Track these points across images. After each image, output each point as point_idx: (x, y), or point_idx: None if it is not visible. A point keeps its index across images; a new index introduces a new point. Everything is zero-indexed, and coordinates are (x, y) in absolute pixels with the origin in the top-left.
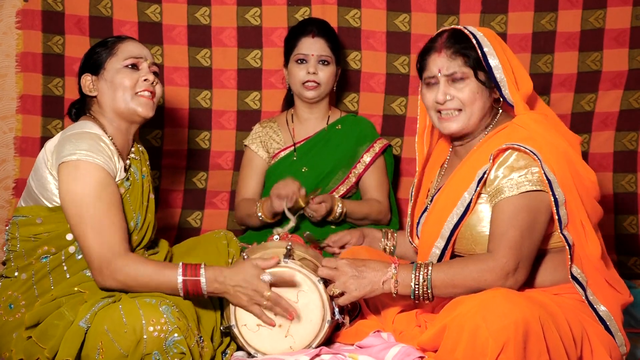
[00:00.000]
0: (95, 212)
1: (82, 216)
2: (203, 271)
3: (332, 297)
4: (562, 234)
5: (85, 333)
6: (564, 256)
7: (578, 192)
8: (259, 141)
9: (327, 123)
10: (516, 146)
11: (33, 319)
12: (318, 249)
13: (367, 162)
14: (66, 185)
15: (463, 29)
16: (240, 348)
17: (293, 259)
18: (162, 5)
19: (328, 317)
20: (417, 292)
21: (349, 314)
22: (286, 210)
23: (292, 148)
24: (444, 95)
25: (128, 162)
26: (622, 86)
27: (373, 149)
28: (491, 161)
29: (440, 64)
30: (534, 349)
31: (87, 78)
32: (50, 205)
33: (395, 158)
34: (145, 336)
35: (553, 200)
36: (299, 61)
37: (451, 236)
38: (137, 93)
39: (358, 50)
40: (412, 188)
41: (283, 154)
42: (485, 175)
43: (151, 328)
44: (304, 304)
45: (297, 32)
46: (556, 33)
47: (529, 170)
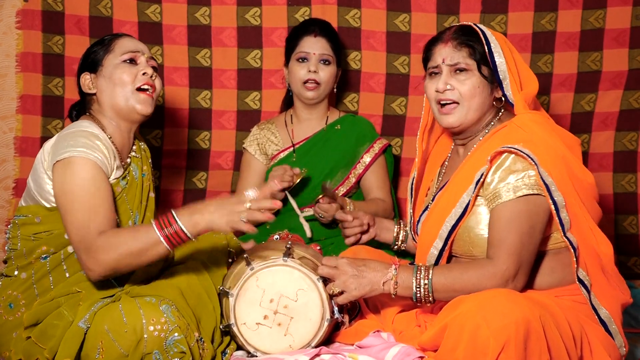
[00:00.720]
0: (79, 201)
1: (67, 209)
2: (176, 216)
3: (332, 296)
4: (566, 237)
5: (84, 333)
6: (563, 257)
7: (578, 194)
8: (256, 144)
9: (326, 123)
10: (513, 149)
11: (32, 319)
12: (317, 243)
13: (367, 163)
14: (58, 180)
15: (473, 25)
16: (240, 347)
17: (293, 258)
18: (162, 5)
19: (327, 316)
20: (419, 295)
21: (349, 314)
22: (289, 198)
23: (291, 149)
24: (445, 84)
25: (128, 161)
26: (622, 86)
27: (373, 149)
28: (488, 163)
29: (445, 54)
30: (535, 349)
31: (86, 77)
32: (48, 205)
33: (395, 158)
34: (145, 335)
35: (552, 204)
36: (300, 60)
37: (449, 237)
38: (137, 88)
39: (358, 50)
40: (412, 183)
41: (282, 155)
42: (482, 177)
43: (151, 327)
44: (303, 303)
45: (299, 31)
46: (556, 33)
47: (526, 173)
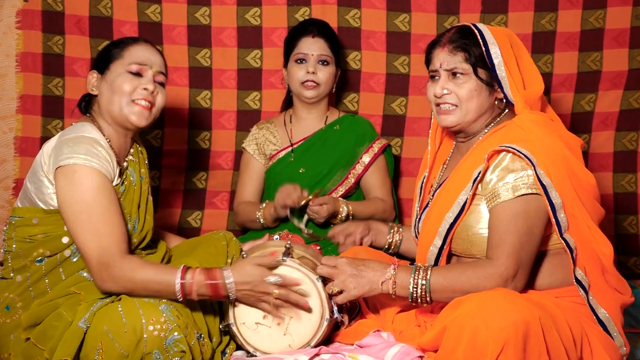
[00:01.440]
0: (92, 216)
1: (80, 220)
2: (225, 274)
3: (331, 296)
4: (562, 238)
5: (84, 333)
6: (563, 258)
7: (577, 195)
8: (255, 144)
9: (325, 123)
10: (510, 149)
11: (30, 320)
12: (317, 243)
13: (367, 163)
14: (64, 190)
15: (471, 26)
16: (239, 347)
17: (292, 258)
18: (162, 5)
19: (327, 316)
20: (415, 295)
21: (348, 314)
22: (289, 215)
23: (290, 149)
24: (442, 89)
25: (125, 165)
26: (622, 86)
27: (372, 150)
28: (486, 162)
29: (442, 59)
30: (534, 350)
31: (94, 75)
32: (46, 207)
33: (395, 158)
34: (145, 335)
35: (549, 204)
36: (299, 61)
37: (447, 235)
38: (134, 100)
39: (358, 50)
40: (422, 183)
41: (280, 155)
42: (479, 175)
43: (151, 327)
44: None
45: (298, 32)
46: (556, 33)
47: (525, 173)
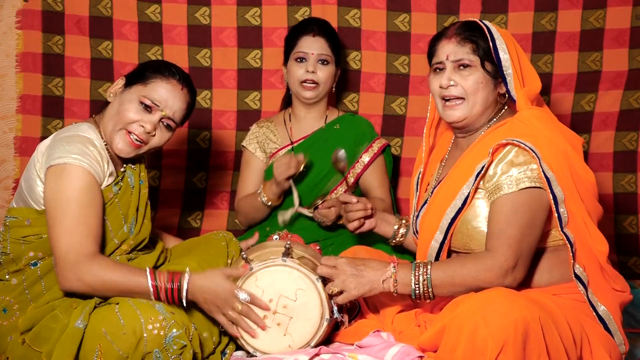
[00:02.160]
0: (68, 214)
1: (57, 217)
2: (185, 285)
3: (331, 296)
4: (563, 232)
5: (82, 333)
6: (561, 255)
7: (577, 191)
8: (256, 142)
9: (325, 122)
10: (515, 142)
11: (27, 323)
12: (317, 243)
13: (366, 162)
14: (50, 186)
15: (478, 21)
16: (239, 347)
17: (292, 258)
18: (162, 5)
19: (327, 316)
20: (418, 292)
21: (348, 314)
22: (292, 186)
23: (290, 147)
24: (448, 80)
25: (123, 169)
26: (622, 86)
27: (372, 149)
28: (490, 156)
29: (448, 50)
30: (534, 349)
31: (120, 83)
32: (38, 208)
33: (395, 158)
34: (145, 335)
35: (552, 198)
36: (299, 59)
37: (449, 229)
38: (128, 130)
39: (358, 50)
40: (418, 179)
41: (280, 154)
42: (483, 169)
43: (150, 327)
44: (303, 303)
45: (298, 31)
46: (556, 33)
47: (529, 166)
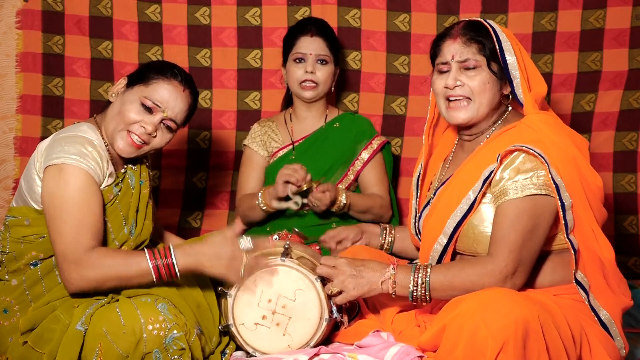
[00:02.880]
0: (65, 214)
1: (54, 217)
2: (173, 252)
3: (330, 296)
4: (568, 239)
5: (83, 336)
6: (566, 257)
7: (587, 197)
8: (259, 140)
9: (325, 121)
10: (524, 148)
11: (28, 324)
12: (317, 243)
13: (365, 159)
14: (47, 186)
15: (483, 21)
16: (239, 347)
17: (291, 258)
18: (162, 5)
19: (326, 316)
20: (416, 294)
21: (348, 314)
22: (290, 194)
23: (291, 147)
24: (454, 80)
25: (123, 170)
26: (622, 86)
27: (371, 146)
28: (498, 161)
29: (454, 50)
30: (534, 349)
31: (122, 82)
32: (37, 207)
33: (395, 158)
34: (145, 335)
35: (560, 204)
36: (297, 60)
37: (454, 233)
38: (129, 131)
39: (358, 50)
40: (417, 179)
41: (281, 153)
42: (491, 175)
43: (150, 327)
44: (302, 302)
45: (296, 31)
46: (556, 33)
47: (535, 173)
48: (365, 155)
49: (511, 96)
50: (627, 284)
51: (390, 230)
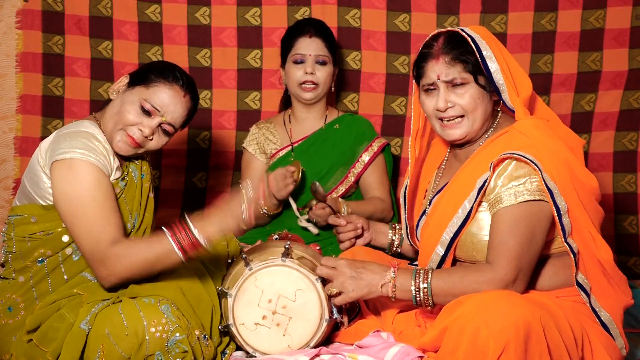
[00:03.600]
0: (87, 212)
1: (75, 217)
2: (191, 224)
3: (330, 297)
4: (566, 242)
5: (86, 335)
6: (566, 260)
7: (580, 199)
8: (255, 143)
9: (325, 122)
10: (516, 155)
11: (34, 323)
12: (317, 243)
13: (366, 162)
14: (60, 184)
15: (460, 31)
16: (239, 348)
17: (291, 258)
18: (162, 5)
19: (326, 316)
20: (419, 299)
21: (348, 314)
22: (291, 200)
23: (290, 148)
24: (445, 102)
25: (126, 165)
26: (622, 86)
27: (372, 148)
28: (491, 170)
29: (438, 70)
30: (535, 350)
31: (123, 81)
32: (44, 203)
33: (395, 158)
34: (147, 337)
35: (555, 209)
36: (297, 61)
37: (451, 243)
38: (127, 131)
39: (358, 50)
40: (405, 191)
41: (281, 154)
42: (485, 184)
43: (153, 329)
44: (302, 303)
45: (294, 32)
46: (556, 33)
47: (528, 179)
48: (366, 157)
49: (502, 102)
50: (627, 283)
51: (399, 229)
